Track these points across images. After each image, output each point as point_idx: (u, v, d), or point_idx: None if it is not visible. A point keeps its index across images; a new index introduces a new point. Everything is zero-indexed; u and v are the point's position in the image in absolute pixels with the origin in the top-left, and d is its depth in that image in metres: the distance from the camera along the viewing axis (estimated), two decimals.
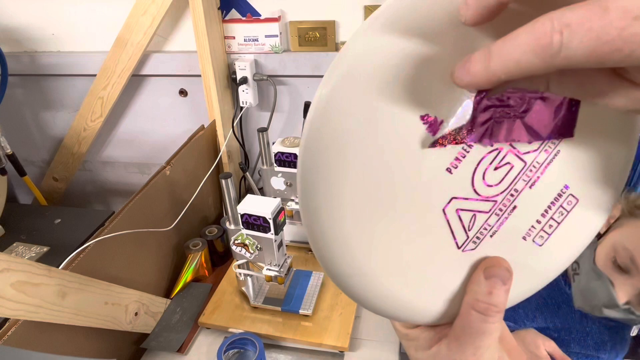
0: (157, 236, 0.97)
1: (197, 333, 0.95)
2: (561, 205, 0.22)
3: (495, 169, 0.22)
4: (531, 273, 0.24)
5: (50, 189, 1.52)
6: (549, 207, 0.23)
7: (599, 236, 0.57)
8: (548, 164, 0.22)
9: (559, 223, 0.23)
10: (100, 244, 0.80)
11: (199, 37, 1.12)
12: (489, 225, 0.23)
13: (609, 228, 0.57)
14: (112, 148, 1.50)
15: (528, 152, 0.21)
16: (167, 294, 1.03)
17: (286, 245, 0.94)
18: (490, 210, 0.22)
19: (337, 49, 1.18)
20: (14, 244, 1.04)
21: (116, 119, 1.42)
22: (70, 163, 1.47)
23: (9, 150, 1.19)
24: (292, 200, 1.08)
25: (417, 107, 0.20)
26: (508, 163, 0.21)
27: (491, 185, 0.22)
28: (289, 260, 0.92)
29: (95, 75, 1.28)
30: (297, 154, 0.21)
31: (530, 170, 0.22)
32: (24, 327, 0.65)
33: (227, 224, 0.90)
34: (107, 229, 0.82)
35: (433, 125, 0.21)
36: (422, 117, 0.20)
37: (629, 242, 0.51)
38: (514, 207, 0.22)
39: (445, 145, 0.21)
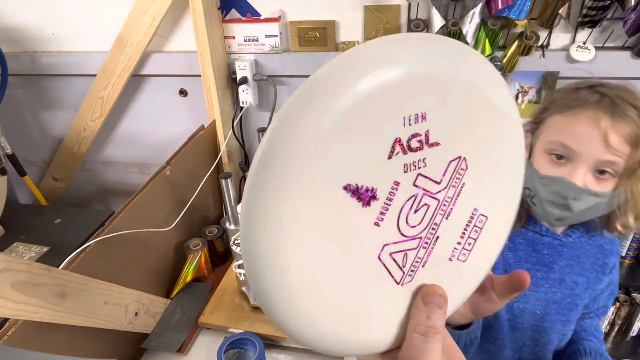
0: (157, 236, 0.97)
1: (197, 333, 0.95)
2: (475, 225, 0.27)
3: (415, 211, 0.25)
4: (462, 284, 0.29)
5: (50, 189, 1.52)
6: (465, 229, 0.27)
7: (529, 157, 0.63)
8: (457, 196, 0.26)
9: (475, 239, 0.27)
10: (100, 244, 0.80)
11: (199, 37, 1.12)
12: (419, 258, 0.26)
13: (531, 148, 0.63)
14: (112, 148, 1.50)
15: (439, 191, 0.25)
16: (167, 294, 1.03)
17: None
18: (417, 246, 0.26)
19: (337, 49, 1.18)
20: (14, 244, 1.04)
21: (116, 119, 1.42)
22: (70, 163, 1.47)
23: (9, 150, 1.19)
24: None
25: (342, 177, 0.22)
26: (425, 204, 0.25)
27: (414, 226, 0.25)
28: None
29: (95, 75, 1.28)
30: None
31: (444, 205, 0.26)
32: (24, 327, 0.65)
33: (227, 224, 0.90)
34: (107, 229, 0.82)
35: (360, 195, 0.23)
36: (345, 188, 0.22)
37: (554, 135, 0.57)
38: (437, 238, 0.26)
39: (370, 205, 0.23)
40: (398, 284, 0.26)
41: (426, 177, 0.24)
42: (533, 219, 0.70)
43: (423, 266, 0.26)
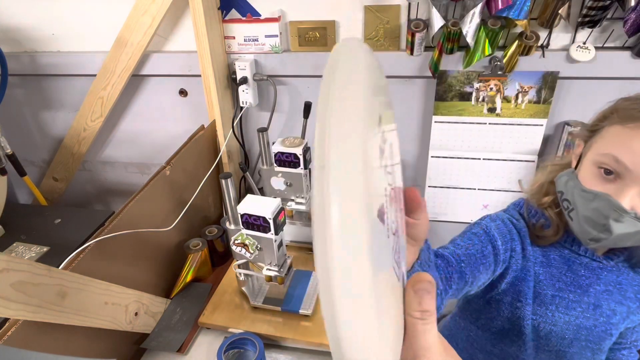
0: (157, 236, 0.97)
1: (197, 333, 0.95)
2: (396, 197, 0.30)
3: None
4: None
5: (50, 189, 1.52)
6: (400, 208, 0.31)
7: (576, 167, 0.57)
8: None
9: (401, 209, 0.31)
10: (100, 244, 0.80)
11: (199, 37, 1.12)
12: (397, 249, 0.28)
13: (580, 158, 0.57)
14: (112, 148, 1.50)
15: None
16: (167, 294, 1.03)
17: (286, 245, 0.95)
18: (394, 238, 0.28)
19: None
20: (14, 244, 1.04)
21: (116, 119, 1.43)
22: (70, 163, 1.47)
23: (9, 150, 1.19)
24: (292, 200, 1.08)
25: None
26: (391, 200, 0.27)
27: (394, 222, 0.28)
28: (289, 260, 0.92)
29: (95, 75, 1.28)
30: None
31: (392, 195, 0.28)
32: (24, 327, 0.65)
33: (227, 224, 0.90)
34: (107, 229, 0.82)
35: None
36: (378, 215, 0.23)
37: (607, 147, 0.51)
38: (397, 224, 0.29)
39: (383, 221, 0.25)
40: (399, 281, 0.27)
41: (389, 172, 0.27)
42: (571, 236, 0.62)
43: (397, 253, 0.28)
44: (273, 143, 1.05)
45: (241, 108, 1.28)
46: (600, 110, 0.57)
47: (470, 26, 1.02)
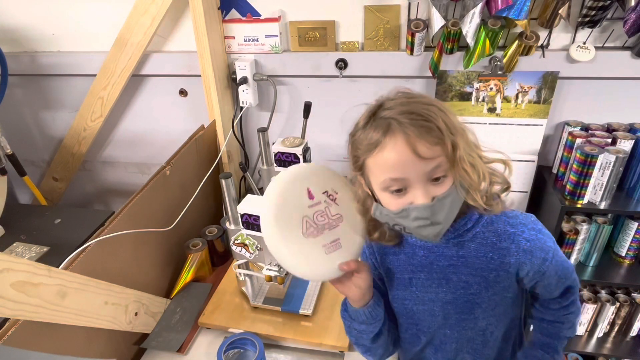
0: (157, 236, 0.97)
1: (197, 333, 0.95)
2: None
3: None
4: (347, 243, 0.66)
5: (50, 189, 1.52)
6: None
7: (375, 198, 0.65)
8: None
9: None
10: (100, 244, 0.80)
11: (199, 37, 1.12)
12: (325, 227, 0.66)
13: (371, 192, 0.64)
14: (112, 148, 1.51)
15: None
16: (167, 294, 1.03)
17: None
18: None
19: (337, 49, 1.18)
20: (14, 244, 1.04)
21: (116, 119, 1.43)
22: (70, 163, 1.47)
23: (9, 150, 1.19)
24: None
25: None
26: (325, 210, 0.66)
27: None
28: None
29: (95, 75, 1.28)
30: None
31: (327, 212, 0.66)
32: (24, 327, 0.65)
33: (227, 224, 0.91)
34: (107, 229, 0.82)
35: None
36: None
37: (379, 176, 0.59)
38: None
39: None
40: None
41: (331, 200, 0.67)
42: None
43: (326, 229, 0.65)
44: (273, 143, 1.05)
45: (241, 108, 1.28)
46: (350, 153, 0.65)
47: (470, 26, 1.02)
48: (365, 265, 0.67)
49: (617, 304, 1.25)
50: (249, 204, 0.85)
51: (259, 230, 0.85)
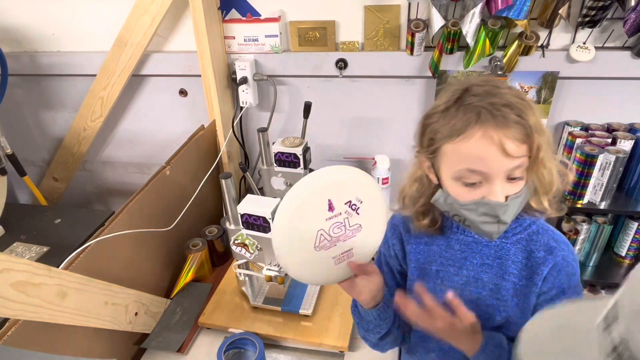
0: (157, 236, 0.97)
1: (197, 333, 0.95)
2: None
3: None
4: (360, 248, 0.65)
5: (50, 189, 1.52)
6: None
7: (439, 185, 0.63)
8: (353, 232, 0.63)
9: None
10: (100, 244, 0.80)
11: (199, 37, 1.12)
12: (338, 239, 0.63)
13: (437, 176, 0.62)
14: (112, 148, 1.51)
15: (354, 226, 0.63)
16: (167, 294, 1.03)
17: None
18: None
19: (337, 49, 1.18)
20: (14, 244, 1.04)
21: (116, 119, 1.43)
22: (70, 163, 1.47)
23: (9, 150, 1.19)
24: None
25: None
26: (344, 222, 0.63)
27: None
28: None
29: (95, 75, 1.28)
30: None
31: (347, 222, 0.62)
32: (24, 327, 0.65)
33: (227, 224, 0.90)
34: (107, 229, 0.82)
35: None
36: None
37: (456, 164, 0.56)
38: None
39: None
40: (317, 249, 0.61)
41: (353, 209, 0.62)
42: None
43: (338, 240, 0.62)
44: (273, 143, 1.05)
45: (241, 108, 1.28)
46: (418, 131, 0.63)
47: (470, 26, 1.02)
48: (375, 267, 0.66)
49: None
50: (249, 204, 0.85)
51: (258, 230, 0.85)
